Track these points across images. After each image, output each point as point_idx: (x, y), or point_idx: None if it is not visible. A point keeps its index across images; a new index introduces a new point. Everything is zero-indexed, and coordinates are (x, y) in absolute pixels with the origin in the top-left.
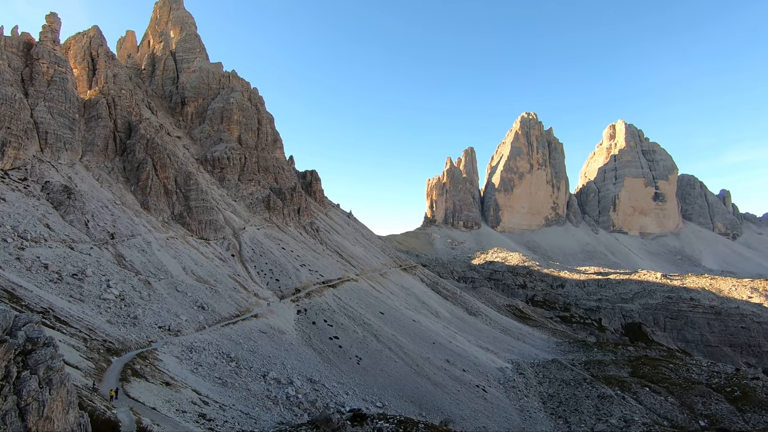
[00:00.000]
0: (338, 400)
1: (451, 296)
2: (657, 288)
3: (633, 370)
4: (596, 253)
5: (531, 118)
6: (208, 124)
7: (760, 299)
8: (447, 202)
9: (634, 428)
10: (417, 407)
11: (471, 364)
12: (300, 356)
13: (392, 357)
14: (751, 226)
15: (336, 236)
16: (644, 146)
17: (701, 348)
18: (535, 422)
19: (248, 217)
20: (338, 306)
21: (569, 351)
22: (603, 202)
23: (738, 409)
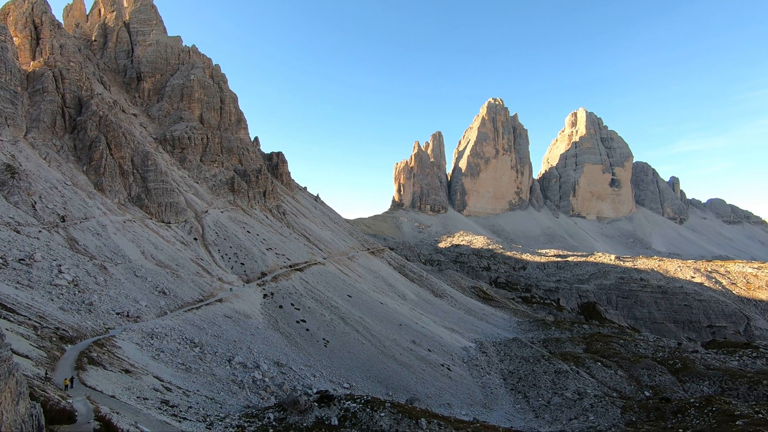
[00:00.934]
0: (306, 382)
1: (418, 279)
2: (611, 269)
3: (587, 346)
4: (556, 237)
5: (497, 104)
6: (166, 101)
7: (702, 279)
8: (414, 186)
9: (587, 400)
10: (384, 387)
11: (436, 344)
12: (267, 340)
13: (359, 339)
14: (697, 211)
15: (303, 220)
16: (603, 134)
17: (648, 325)
18: (496, 398)
19: (211, 199)
20: (305, 290)
21: (529, 330)
22: (564, 188)
23: (679, 379)
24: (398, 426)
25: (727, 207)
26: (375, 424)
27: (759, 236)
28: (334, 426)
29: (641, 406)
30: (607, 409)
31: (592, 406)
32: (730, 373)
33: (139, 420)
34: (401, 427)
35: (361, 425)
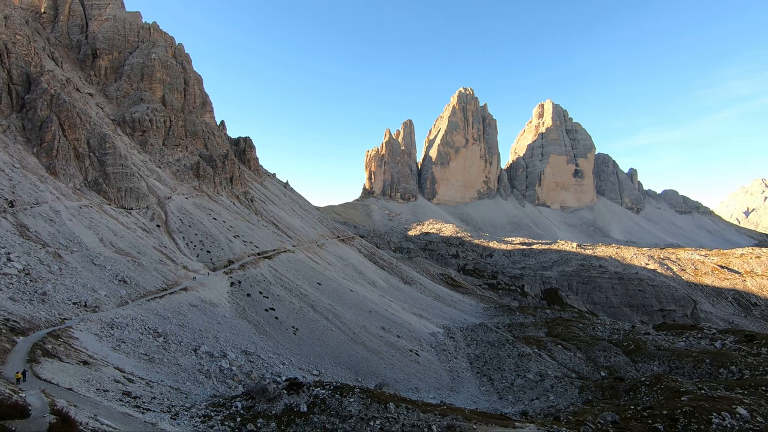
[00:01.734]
0: (274, 370)
1: (388, 266)
2: (572, 257)
3: (549, 330)
4: (522, 225)
5: (468, 94)
6: (125, 81)
7: (655, 266)
8: (385, 174)
9: (548, 381)
10: (353, 373)
11: (405, 331)
12: (234, 329)
13: (329, 326)
14: (652, 201)
15: (272, 207)
16: (568, 126)
17: (606, 309)
18: (462, 381)
19: (175, 185)
20: (274, 277)
21: (495, 315)
22: (530, 177)
23: (632, 360)
24: (367, 411)
25: (680, 198)
26: (344, 409)
27: (707, 225)
28: (303, 413)
29: (597, 385)
30: (567, 389)
31: (552, 387)
32: (677, 353)
33: (99, 413)
34: (370, 411)
35: (330, 411)
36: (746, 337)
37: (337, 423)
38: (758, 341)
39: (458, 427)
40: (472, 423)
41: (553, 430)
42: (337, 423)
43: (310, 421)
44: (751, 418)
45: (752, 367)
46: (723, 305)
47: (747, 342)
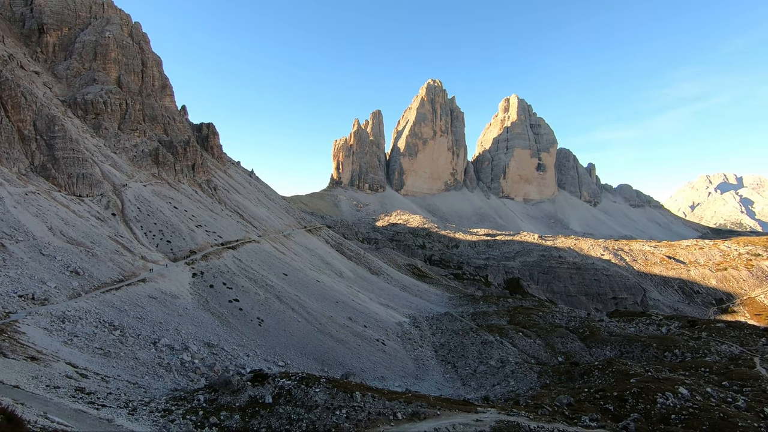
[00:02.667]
0: (238, 362)
1: (355, 257)
2: (534, 247)
3: (510, 318)
4: (487, 217)
5: (436, 86)
6: (76, 60)
7: (609, 256)
8: (353, 164)
9: (508, 367)
10: (319, 363)
11: (372, 320)
12: (196, 321)
13: (295, 317)
14: (608, 195)
15: (236, 196)
16: (532, 120)
17: (564, 298)
18: (427, 369)
19: (132, 171)
20: (239, 268)
21: (460, 304)
22: (495, 170)
23: (587, 345)
24: (333, 400)
25: (633, 192)
26: (310, 399)
27: (657, 219)
28: (268, 404)
29: (554, 370)
30: (526, 374)
31: (513, 373)
32: (628, 338)
33: (49, 410)
34: (336, 401)
35: (295, 402)
36: (689, 322)
37: (303, 413)
38: (699, 326)
39: (422, 414)
40: (436, 409)
41: (513, 413)
42: (302, 413)
43: (276, 412)
44: (691, 397)
45: (693, 350)
46: (669, 293)
47: (689, 327)
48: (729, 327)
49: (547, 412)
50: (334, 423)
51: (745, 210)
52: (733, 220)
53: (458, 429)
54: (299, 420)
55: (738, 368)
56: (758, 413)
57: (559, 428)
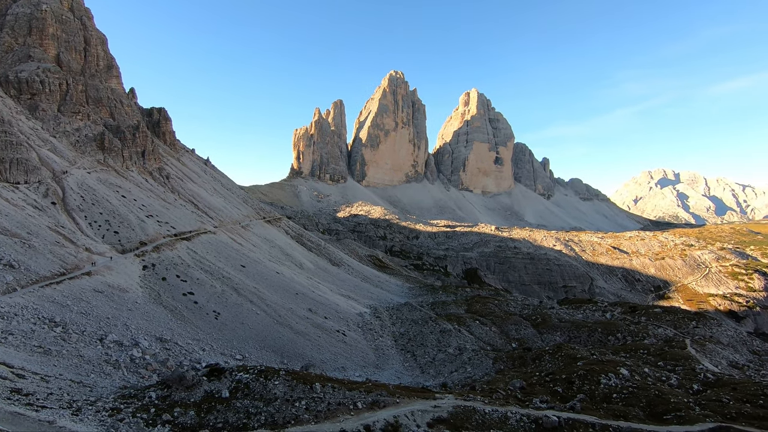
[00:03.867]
0: (194, 357)
1: (316, 248)
2: (491, 238)
3: (468, 307)
4: (447, 209)
5: (399, 77)
6: (7, 34)
7: (561, 247)
8: (314, 154)
9: (466, 354)
10: (279, 356)
11: (333, 312)
12: (147, 315)
13: (254, 309)
14: (561, 188)
15: (191, 185)
16: (491, 115)
17: (518, 287)
18: (387, 358)
19: (74, 157)
20: (193, 260)
21: (419, 294)
22: (455, 163)
23: (539, 332)
24: (292, 392)
25: (583, 186)
26: (269, 392)
27: (604, 211)
28: (225, 398)
29: (509, 356)
30: (482, 361)
31: (470, 359)
32: (576, 324)
33: None
34: (295, 393)
35: (254, 395)
36: (630, 308)
37: (261, 406)
38: (639, 312)
39: (382, 402)
40: (395, 397)
41: (469, 398)
42: (261, 406)
43: (233, 406)
44: (630, 376)
45: (633, 334)
46: (614, 281)
47: (630, 313)
48: (665, 312)
49: (501, 396)
50: (293, 415)
51: (681, 204)
52: (670, 213)
53: (417, 416)
54: (257, 413)
55: (672, 349)
56: (688, 389)
57: (512, 411)
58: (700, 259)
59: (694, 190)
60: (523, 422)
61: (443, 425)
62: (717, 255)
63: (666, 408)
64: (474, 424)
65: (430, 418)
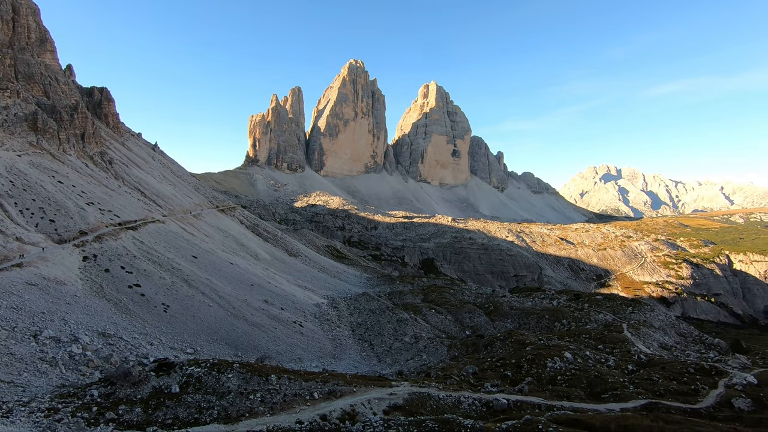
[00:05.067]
0: (140, 351)
1: (272, 238)
2: (447, 229)
3: (424, 296)
4: (405, 200)
5: (359, 66)
6: None
7: (513, 238)
8: (271, 142)
9: (421, 342)
10: (233, 349)
11: (289, 303)
12: (88, 309)
13: (206, 301)
14: (514, 181)
15: (137, 171)
16: (449, 108)
17: (473, 276)
18: (345, 348)
19: (2, 138)
20: (140, 251)
21: (377, 284)
22: (414, 155)
23: (491, 319)
24: (247, 385)
25: (534, 180)
26: (222, 386)
27: (553, 204)
28: (175, 393)
29: (462, 343)
30: (437, 349)
31: (425, 347)
32: (525, 311)
33: None
34: (250, 385)
35: (206, 389)
36: (574, 296)
37: (214, 400)
38: (582, 299)
39: (339, 392)
40: (352, 386)
41: (424, 385)
42: (213, 400)
43: (183, 401)
44: (573, 360)
45: (577, 320)
46: (560, 270)
47: (575, 300)
48: (605, 299)
49: (455, 382)
50: (248, 408)
51: (622, 198)
52: (612, 207)
53: (373, 404)
54: (210, 408)
55: (610, 333)
56: (623, 370)
57: (465, 395)
58: (637, 250)
59: (634, 186)
60: (475, 406)
61: (399, 412)
62: (652, 246)
63: (604, 387)
64: (428, 410)
65: (386, 406)
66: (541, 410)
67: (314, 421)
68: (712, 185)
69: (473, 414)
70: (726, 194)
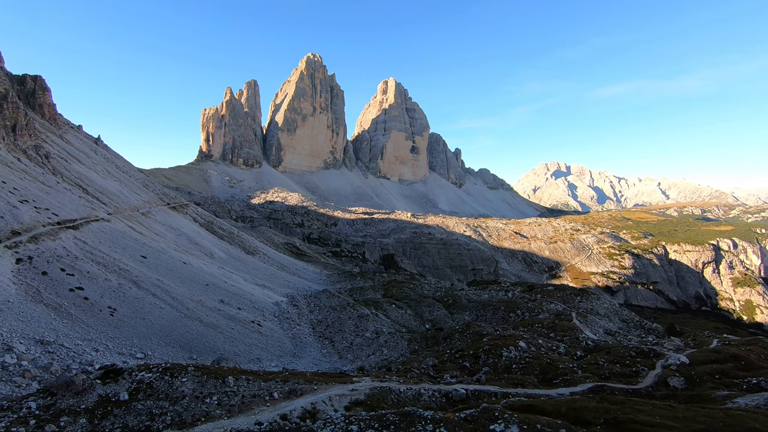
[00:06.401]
0: (84, 359)
1: (228, 236)
2: (407, 225)
3: (385, 292)
4: (365, 196)
5: (317, 61)
6: None
7: (470, 232)
8: (226, 137)
9: (382, 337)
10: (187, 351)
11: (247, 302)
12: (23, 315)
13: (157, 303)
14: (471, 177)
15: (77, 166)
16: (408, 104)
17: (432, 270)
18: (305, 346)
19: None
20: (82, 251)
21: (338, 281)
22: (373, 151)
23: (450, 312)
24: (203, 388)
25: (491, 176)
26: (175, 390)
27: (508, 200)
28: (124, 401)
29: (422, 336)
30: (398, 343)
31: (386, 342)
32: (482, 303)
33: None
34: (206, 389)
35: (158, 395)
36: (528, 287)
37: (167, 406)
38: (535, 290)
39: (299, 390)
40: (313, 384)
41: (385, 379)
42: (167, 406)
43: (133, 409)
44: (527, 348)
45: (531, 310)
46: (515, 263)
47: (528, 291)
48: (556, 289)
49: (415, 375)
50: (204, 412)
51: (571, 194)
52: (562, 202)
53: (335, 400)
54: (162, 414)
55: (561, 322)
56: (573, 356)
57: (425, 387)
58: (584, 242)
59: (582, 182)
60: (435, 397)
61: (360, 407)
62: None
63: (555, 373)
64: (390, 403)
65: (348, 402)
66: (497, 398)
67: (274, 421)
68: (650, 181)
69: (433, 405)
70: (663, 189)
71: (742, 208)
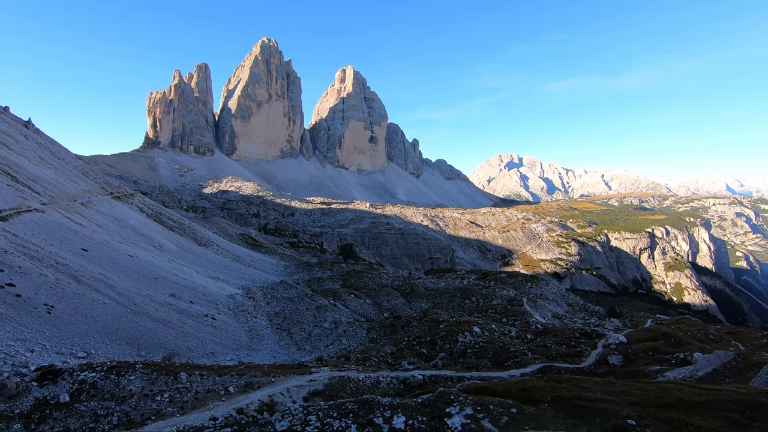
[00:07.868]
0: (18, 360)
1: (178, 227)
2: (366, 215)
3: (343, 282)
4: (323, 186)
5: (272, 46)
6: None
7: (427, 222)
8: (175, 123)
9: (341, 327)
10: (135, 348)
11: (200, 295)
12: None
13: (100, 299)
14: (428, 168)
15: (5, 151)
16: (366, 93)
17: (391, 260)
18: (262, 339)
19: None
20: (13, 245)
21: (295, 272)
22: (331, 140)
23: (408, 301)
24: (152, 386)
25: (448, 166)
26: (122, 390)
27: (464, 190)
28: (65, 403)
29: (381, 325)
30: (357, 332)
31: (345, 332)
32: (439, 291)
33: None
34: (156, 386)
35: (103, 395)
36: (482, 275)
37: (114, 406)
38: (489, 277)
39: (256, 384)
40: (270, 377)
41: (344, 369)
42: (113, 406)
43: (75, 411)
44: (481, 333)
45: (485, 297)
46: (470, 252)
47: (483, 279)
48: (508, 276)
49: (374, 363)
50: (154, 410)
51: (523, 184)
52: (515, 192)
53: (293, 392)
54: (108, 415)
55: (513, 307)
56: (523, 339)
57: (383, 375)
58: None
59: (533, 173)
60: (393, 384)
61: (319, 397)
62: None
63: (507, 356)
64: (349, 392)
65: (306, 393)
66: (453, 382)
67: (230, 416)
68: (595, 173)
69: (391, 392)
70: (606, 181)
71: (674, 199)
